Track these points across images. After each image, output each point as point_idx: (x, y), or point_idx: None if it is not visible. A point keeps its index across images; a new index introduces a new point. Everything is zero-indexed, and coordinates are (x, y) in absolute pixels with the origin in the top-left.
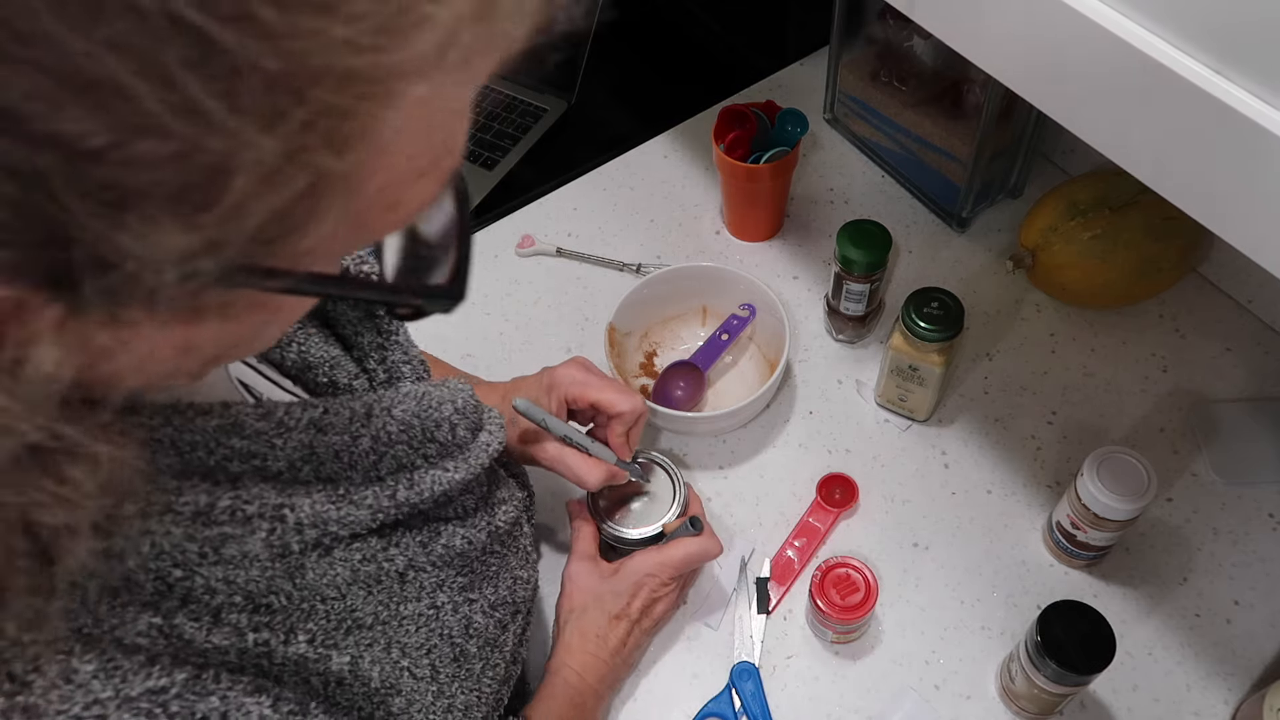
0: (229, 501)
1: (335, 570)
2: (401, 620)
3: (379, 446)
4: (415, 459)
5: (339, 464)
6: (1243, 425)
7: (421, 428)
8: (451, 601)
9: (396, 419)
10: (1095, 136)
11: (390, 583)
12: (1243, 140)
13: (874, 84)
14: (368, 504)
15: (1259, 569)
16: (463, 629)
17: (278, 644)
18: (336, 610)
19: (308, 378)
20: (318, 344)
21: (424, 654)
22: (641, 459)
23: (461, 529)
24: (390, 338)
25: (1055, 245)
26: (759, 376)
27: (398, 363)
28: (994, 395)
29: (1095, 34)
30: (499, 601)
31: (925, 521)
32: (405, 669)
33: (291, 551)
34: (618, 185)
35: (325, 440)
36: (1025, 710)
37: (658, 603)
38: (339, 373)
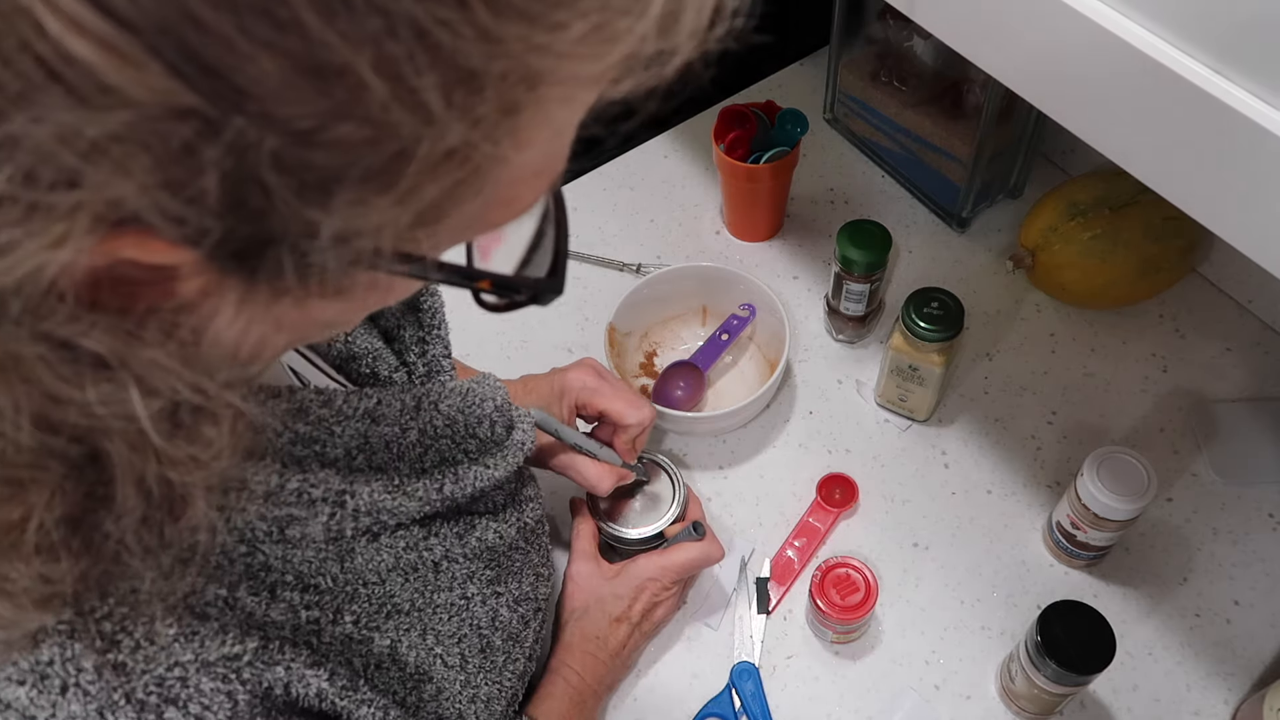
0: (297, 484)
1: (381, 556)
2: (435, 609)
3: (425, 440)
4: (457, 454)
5: (389, 454)
6: (1243, 425)
7: (465, 423)
8: (480, 594)
9: (443, 413)
10: (1095, 136)
11: (426, 572)
12: (1243, 140)
13: (874, 84)
14: (419, 496)
15: (1259, 569)
16: (490, 621)
17: (326, 623)
18: (376, 595)
19: (351, 368)
20: (362, 335)
21: (455, 643)
22: (643, 459)
23: (494, 524)
24: (432, 332)
25: (1055, 245)
26: (759, 376)
27: (438, 357)
28: (994, 395)
29: (1095, 34)
30: (522, 597)
31: (925, 521)
32: (438, 656)
33: (345, 536)
34: (618, 185)
35: (378, 430)
36: (1025, 710)
37: (658, 607)
38: (380, 365)
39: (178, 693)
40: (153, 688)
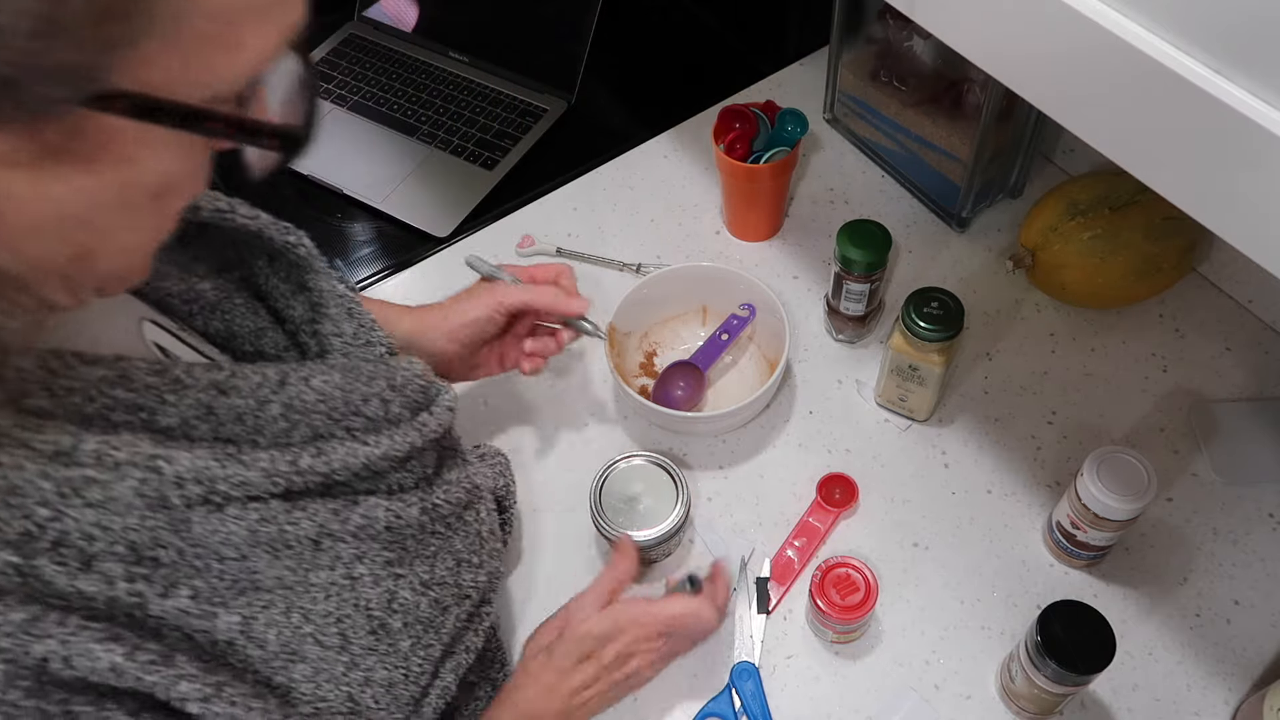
0: (95, 446)
1: (229, 528)
2: (309, 587)
3: (291, 414)
4: (334, 430)
5: (242, 426)
6: (1243, 425)
7: (344, 400)
8: (373, 574)
9: (314, 389)
10: (1095, 136)
11: (302, 549)
12: (1243, 140)
13: (874, 84)
14: (260, 466)
15: (1259, 569)
16: (385, 603)
17: (154, 596)
18: (233, 570)
19: (234, 346)
20: (244, 314)
21: (333, 623)
22: (641, 459)
23: (386, 503)
24: (321, 310)
25: (1055, 245)
26: (759, 376)
27: (328, 335)
28: (994, 395)
29: (1095, 34)
30: (435, 581)
31: (925, 521)
32: (309, 635)
33: (172, 504)
34: (618, 185)
35: (227, 402)
36: (1025, 710)
37: (634, 656)
38: (265, 343)
39: None
40: None
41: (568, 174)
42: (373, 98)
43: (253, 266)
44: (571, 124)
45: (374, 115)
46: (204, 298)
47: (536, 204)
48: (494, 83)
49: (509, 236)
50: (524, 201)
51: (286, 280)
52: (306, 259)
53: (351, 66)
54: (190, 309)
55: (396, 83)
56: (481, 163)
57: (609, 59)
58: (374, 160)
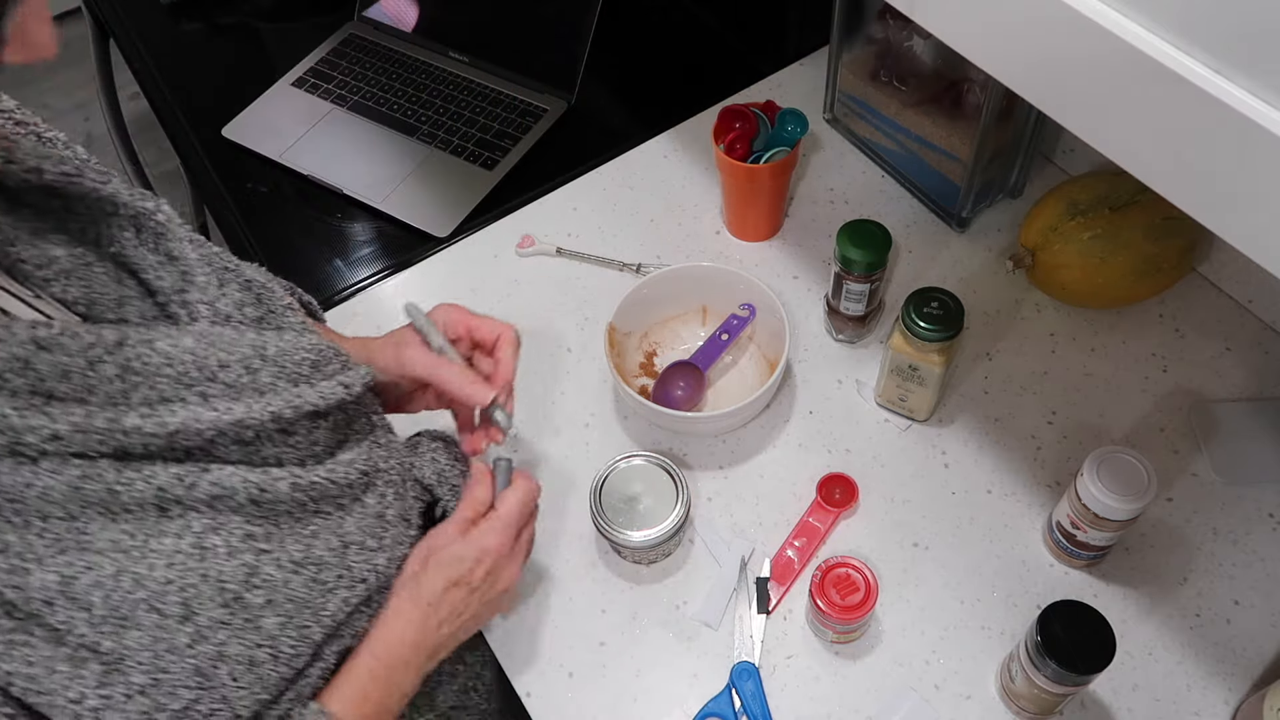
0: None
1: (44, 482)
2: (148, 553)
3: (129, 375)
4: (186, 394)
5: (69, 384)
6: (1243, 425)
7: (196, 365)
8: (229, 546)
9: (158, 351)
10: (1095, 136)
11: (144, 514)
12: (1243, 140)
13: (874, 84)
14: (71, 420)
15: (1259, 569)
16: (242, 577)
17: None
18: (58, 529)
19: (95, 314)
20: (104, 282)
21: (174, 591)
22: (641, 459)
23: (248, 474)
24: (189, 278)
25: (1055, 245)
26: (759, 376)
27: (195, 303)
28: (994, 395)
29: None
30: (311, 561)
31: (925, 521)
32: (142, 601)
33: None
34: (618, 185)
35: (48, 358)
36: (1025, 710)
37: (504, 567)
38: (129, 311)
39: None
40: None
41: (568, 174)
42: (373, 98)
43: (119, 238)
44: (571, 124)
45: (374, 115)
46: (58, 263)
47: (536, 204)
48: (494, 83)
49: (509, 236)
50: (524, 201)
51: (155, 251)
52: (166, 225)
53: (351, 66)
54: (45, 274)
55: (396, 83)
56: (481, 163)
57: (609, 59)
58: (374, 160)
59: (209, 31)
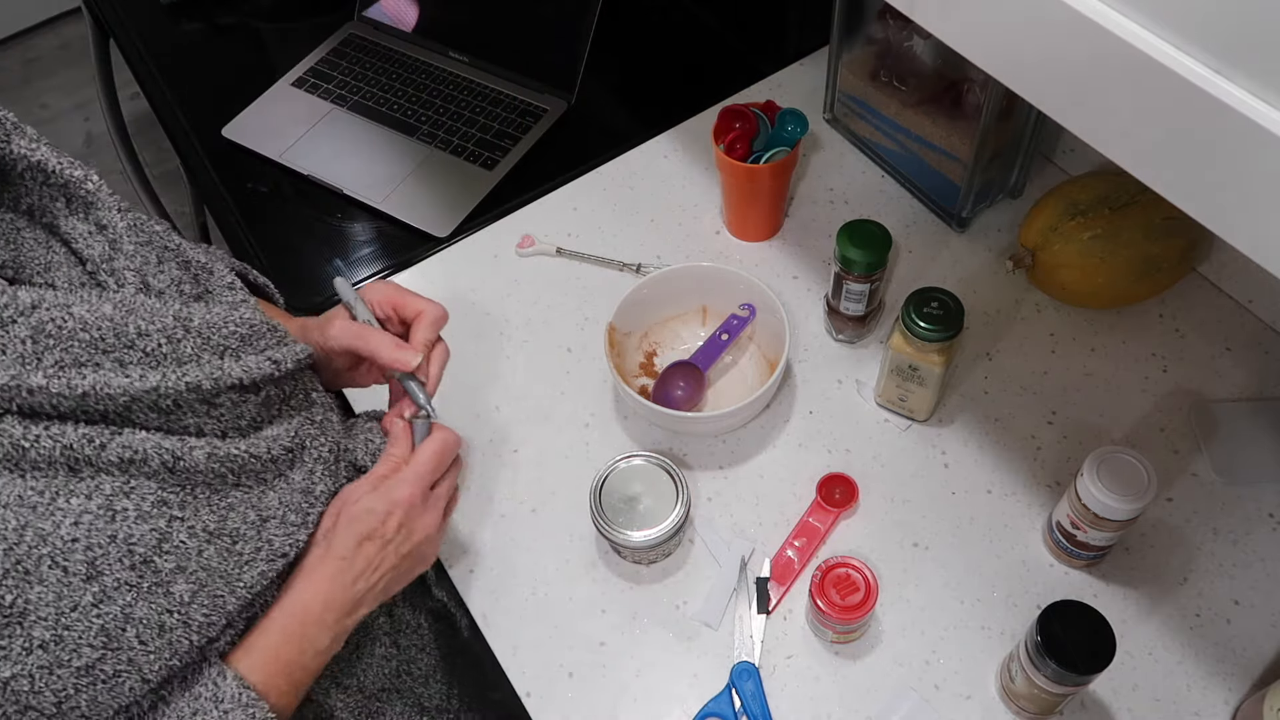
0: None
1: None
2: (55, 510)
3: (41, 337)
4: (101, 360)
5: None
6: (1243, 425)
7: (114, 331)
8: (139, 510)
9: (74, 316)
10: (1095, 136)
11: (54, 472)
12: (1243, 140)
13: (874, 84)
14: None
15: (1259, 569)
16: (153, 542)
17: None
18: None
19: (23, 278)
20: (33, 246)
21: (79, 550)
22: (641, 459)
23: (162, 440)
24: (116, 246)
25: (1055, 245)
26: (759, 376)
27: (122, 270)
28: (994, 395)
29: (1096, 34)
30: (224, 532)
31: (925, 521)
32: (46, 557)
33: None
34: (618, 185)
35: None
36: (1025, 710)
37: (417, 518)
38: (56, 276)
39: None
40: None
41: (568, 174)
42: (373, 98)
43: (50, 207)
44: (571, 124)
45: (374, 115)
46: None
47: (536, 204)
48: (494, 83)
49: (509, 236)
50: (524, 201)
51: (84, 220)
52: (95, 194)
53: (351, 66)
54: None
55: (396, 83)
56: (481, 163)
57: (609, 59)
58: (374, 160)
59: (209, 31)
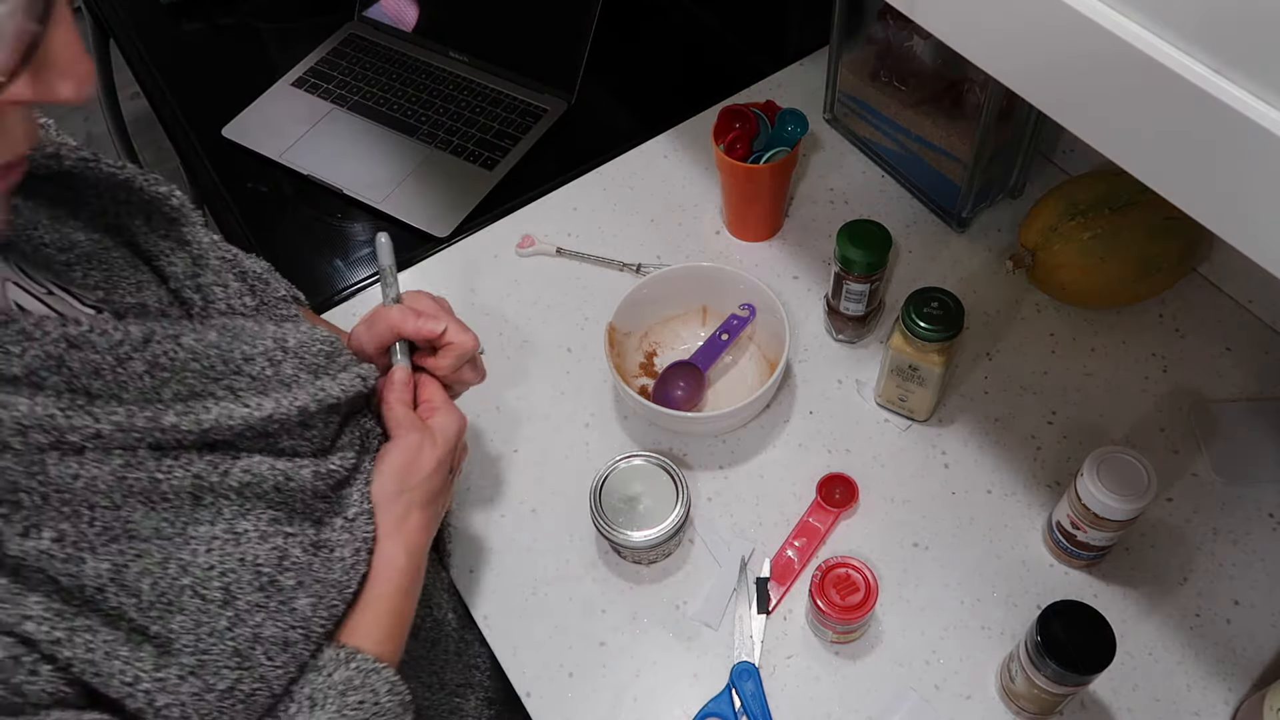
0: None
1: (90, 472)
2: (190, 539)
3: (157, 371)
4: (214, 388)
5: (101, 381)
6: (1243, 425)
7: (222, 358)
8: (260, 531)
9: (185, 346)
10: (1095, 136)
11: (180, 501)
12: (1243, 140)
13: (874, 84)
14: (113, 420)
15: (1259, 569)
16: (276, 561)
17: (12, 536)
18: (106, 518)
19: (115, 299)
20: (122, 267)
21: (215, 576)
22: (641, 459)
23: (274, 461)
24: (202, 262)
25: (1055, 245)
26: (759, 376)
27: (210, 286)
28: (994, 395)
29: (1095, 34)
30: (324, 542)
31: (925, 521)
32: (188, 588)
33: (16, 449)
34: (618, 185)
35: (80, 355)
36: (1025, 710)
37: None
38: (147, 295)
39: None
40: None
41: (568, 174)
42: (373, 98)
43: (131, 225)
44: (571, 124)
45: (374, 115)
46: (79, 247)
47: (536, 204)
48: (494, 83)
49: (509, 236)
50: (524, 201)
51: (166, 237)
52: (181, 210)
53: (351, 66)
54: (67, 258)
55: (396, 83)
56: (481, 163)
57: (609, 59)
58: (374, 160)
59: (209, 31)
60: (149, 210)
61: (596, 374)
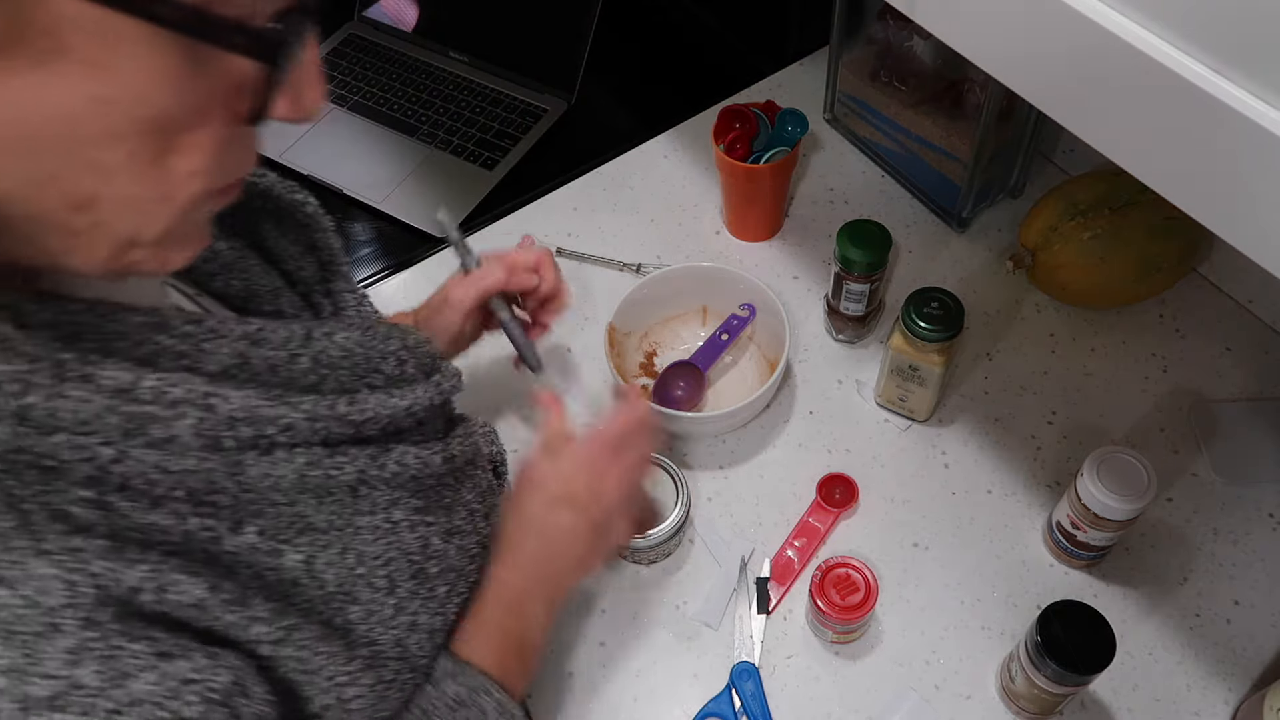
0: (153, 382)
1: (279, 471)
2: (358, 530)
3: (319, 368)
4: (358, 385)
5: (276, 378)
6: (1243, 425)
7: (365, 357)
8: (408, 520)
9: (337, 344)
10: (1095, 136)
11: (342, 494)
12: (1243, 140)
13: (874, 84)
14: (304, 409)
15: (1259, 569)
16: (420, 548)
17: (225, 531)
18: (287, 514)
19: (254, 307)
20: (260, 274)
21: (381, 565)
22: None
23: (415, 450)
24: (332, 268)
25: (1055, 245)
26: (759, 376)
27: (341, 292)
28: (994, 395)
29: (1096, 34)
30: (456, 530)
31: (925, 521)
32: (361, 577)
33: (225, 447)
34: (618, 185)
35: (259, 353)
36: (1025, 710)
37: (605, 479)
38: (283, 302)
39: (7, 574)
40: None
41: (568, 174)
42: (373, 98)
43: (262, 230)
44: (571, 124)
45: (374, 115)
46: (222, 256)
47: (536, 204)
48: (494, 83)
49: (509, 236)
50: (524, 201)
51: (295, 242)
52: (314, 216)
53: (351, 66)
54: (211, 268)
55: (396, 83)
56: (481, 163)
57: (609, 59)
58: (374, 160)
59: None
60: (280, 216)
61: (597, 374)
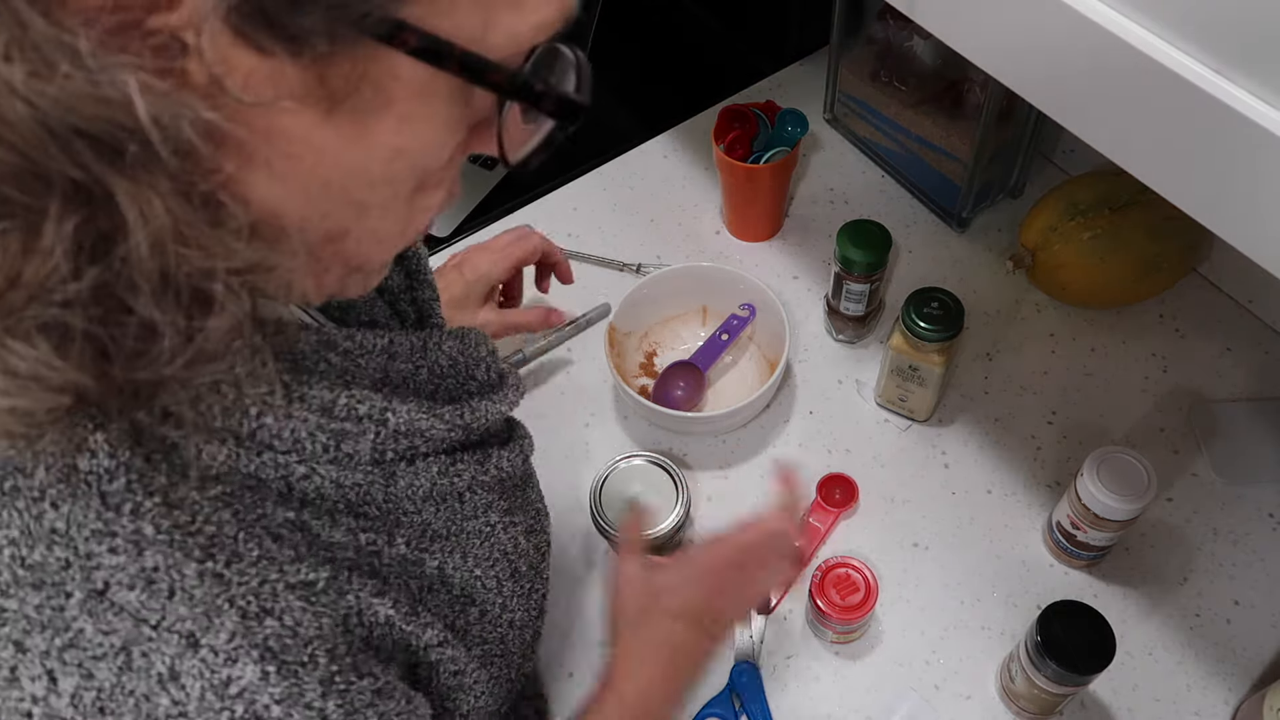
0: (346, 400)
1: (419, 481)
2: (467, 534)
3: (434, 378)
4: (461, 393)
5: (407, 390)
6: (1243, 425)
7: (465, 364)
8: (501, 521)
9: (446, 353)
10: (1095, 136)
11: (453, 500)
12: (1243, 140)
13: (874, 84)
14: (446, 419)
15: (1259, 569)
16: (513, 547)
17: (383, 544)
18: (418, 522)
19: (350, 318)
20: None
21: (490, 565)
22: (641, 459)
23: (505, 453)
24: (418, 278)
25: (1055, 245)
26: (759, 376)
27: (428, 301)
28: (994, 395)
29: (1095, 34)
30: (530, 529)
31: (925, 521)
32: (478, 578)
33: (386, 459)
34: (618, 185)
35: (395, 366)
36: (1025, 710)
37: (722, 596)
38: (377, 313)
39: (272, 605)
40: (250, 598)
41: (568, 174)
42: None
43: None
44: None
45: None
46: None
47: (536, 204)
48: None
49: None
50: (524, 201)
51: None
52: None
53: None
54: None
55: None
56: (481, 163)
57: (609, 59)
58: None
59: None
60: None
61: (596, 374)
